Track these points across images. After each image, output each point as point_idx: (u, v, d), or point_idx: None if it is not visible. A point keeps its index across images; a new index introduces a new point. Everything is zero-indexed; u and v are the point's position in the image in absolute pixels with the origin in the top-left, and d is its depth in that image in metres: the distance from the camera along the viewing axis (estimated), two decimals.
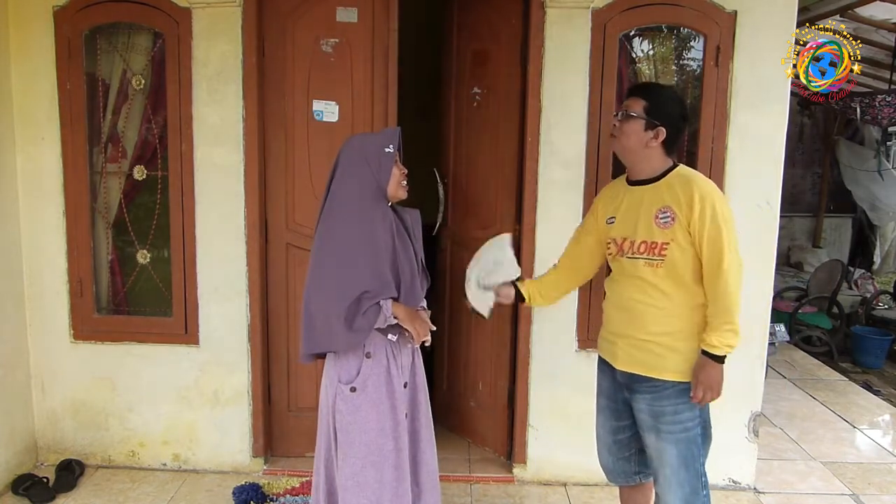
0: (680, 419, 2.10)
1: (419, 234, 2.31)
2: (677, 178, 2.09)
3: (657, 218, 2.07)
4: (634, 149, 2.12)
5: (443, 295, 3.71)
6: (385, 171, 2.14)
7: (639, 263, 2.10)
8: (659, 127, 2.09)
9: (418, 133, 3.88)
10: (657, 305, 2.09)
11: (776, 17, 2.96)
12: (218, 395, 3.27)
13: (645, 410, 2.15)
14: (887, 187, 7.39)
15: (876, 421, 4.32)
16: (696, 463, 2.12)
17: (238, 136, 3.10)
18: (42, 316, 3.27)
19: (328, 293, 2.08)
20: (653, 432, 2.14)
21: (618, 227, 2.19)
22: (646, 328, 2.11)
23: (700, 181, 2.07)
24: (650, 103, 2.09)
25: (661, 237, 2.06)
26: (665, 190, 2.08)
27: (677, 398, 2.09)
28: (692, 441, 2.11)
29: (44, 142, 3.16)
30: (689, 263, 2.05)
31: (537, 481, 3.27)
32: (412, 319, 2.16)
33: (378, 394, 2.16)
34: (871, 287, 7.14)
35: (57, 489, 3.09)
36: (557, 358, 3.18)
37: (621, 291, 2.18)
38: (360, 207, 2.13)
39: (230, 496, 3.06)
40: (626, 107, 2.13)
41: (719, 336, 2.01)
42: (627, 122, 2.11)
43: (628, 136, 2.12)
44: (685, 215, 2.02)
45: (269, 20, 3.11)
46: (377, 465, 2.15)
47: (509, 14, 3.16)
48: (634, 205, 2.15)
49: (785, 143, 3.04)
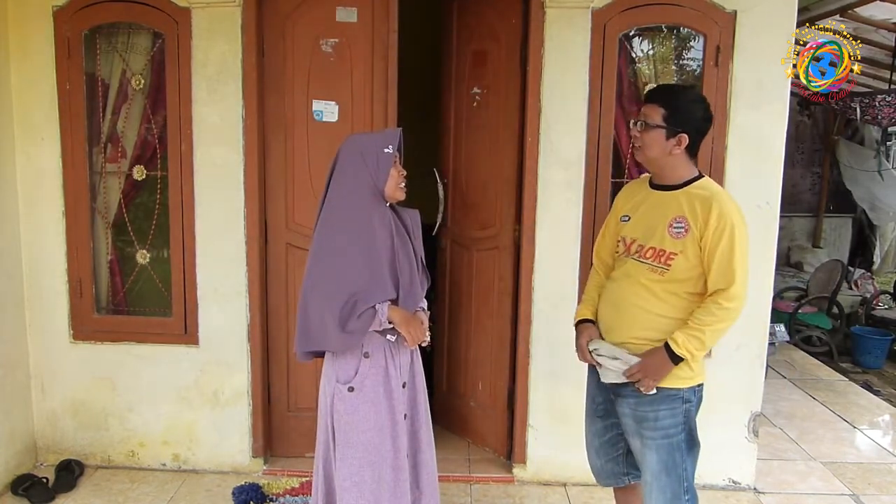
0: (662, 425, 2.09)
1: (419, 234, 2.30)
2: (699, 190, 2.04)
3: (671, 227, 2.04)
4: (658, 158, 2.08)
5: (443, 295, 3.71)
6: (383, 171, 2.12)
7: (642, 268, 2.08)
8: (681, 134, 2.03)
9: (418, 133, 3.88)
10: (649, 309, 2.07)
11: (776, 17, 2.95)
12: (218, 396, 3.27)
13: (628, 415, 2.14)
14: (887, 187, 7.38)
15: (876, 421, 4.32)
16: (678, 469, 2.10)
17: (238, 136, 3.10)
18: (42, 316, 3.27)
19: (324, 293, 2.07)
20: (636, 437, 2.14)
21: (630, 227, 2.16)
22: (634, 329, 2.10)
23: (723, 199, 2.02)
24: (669, 110, 2.03)
25: (672, 247, 2.03)
26: (684, 200, 2.04)
27: (660, 404, 2.08)
28: (675, 447, 2.10)
29: (43, 142, 3.16)
30: (692, 276, 2.03)
31: (537, 481, 3.27)
32: (407, 324, 2.14)
33: (376, 394, 2.15)
34: (871, 287, 7.14)
35: (56, 489, 3.08)
36: (557, 358, 3.18)
37: (618, 291, 2.17)
38: (357, 207, 2.12)
39: (230, 496, 3.05)
40: (645, 116, 2.07)
41: (686, 339, 1.99)
42: (647, 133, 2.06)
43: (650, 147, 2.06)
44: (699, 229, 1.98)
45: (268, 20, 3.11)
46: (375, 465, 2.15)
47: (509, 14, 3.15)
48: (651, 209, 2.12)
49: (785, 143, 3.04)
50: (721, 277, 1.98)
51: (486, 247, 3.42)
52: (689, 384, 2.10)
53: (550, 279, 3.14)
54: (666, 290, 2.06)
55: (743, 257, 1.98)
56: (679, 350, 2.00)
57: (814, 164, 8.43)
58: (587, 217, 3.10)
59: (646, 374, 2.03)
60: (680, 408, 2.09)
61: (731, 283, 1.96)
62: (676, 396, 2.09)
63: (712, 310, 1.99)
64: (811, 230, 8.44)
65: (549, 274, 3.14)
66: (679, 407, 2.09)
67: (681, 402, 2.09)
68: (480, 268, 3.47)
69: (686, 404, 2.10)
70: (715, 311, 1.99)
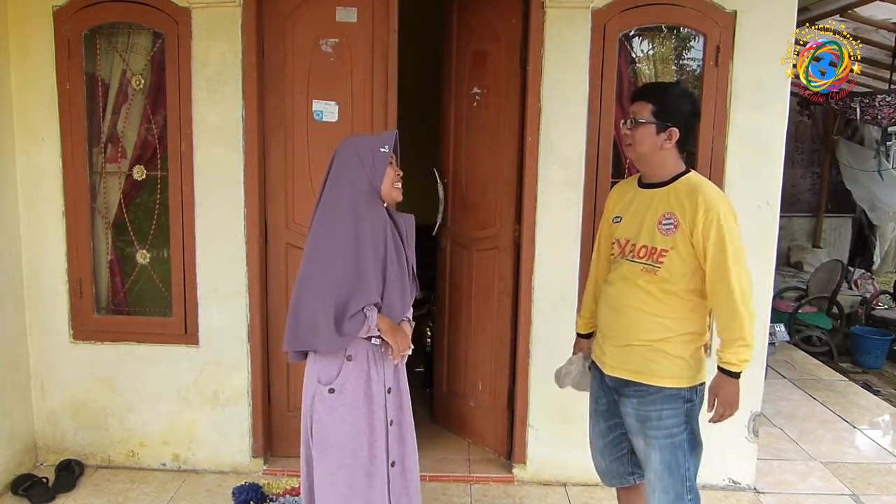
0: (665, 425, 2.09)
1: (412, 241, 2.29)
2: (685, 185, 2.07)
3: (660, 224, 2.06)
4: (650, 154, 2.10)
5: (443, 295, 3.71)
6: (378, 170, 2.12)
7: (636, 268, 2.10)
8: (671, 128, 2.06)
9: (418, 133, 3.88)
10: (648, 311, 2.08)
11: (776, 17, 2.95)
12: (218, 396, 3.27)
13: (632, 414, 2.15)
14: (887, 187, 7.38)
15: (876, 421, 4.32)
16: (681, 469, 2.11)
17: (238, 136, 3.10)
18: (42, 316, 3.27)
19: (316, 292, 2.07)
20: (640, 436, 2.15)
21: (623, 228, 2.18)
22: (634, 333, 2.11)
23: (707, 190, 2.04)
24: (657, 105, 2.06)
25: (662, 244, 2.05)
26: (672, 196, 2.07)
27: (662, 403, 2.09)
28: (678, 447, 2.10)
29: (43, 142, 3.16)
30: (686, 273, 2.04)
31: (537, 481, 3.27)
32: (394, 333, 2.13)
33: (356, 397, 2.14)
34: (871, 287, 7.15)
35: (56, 489, 3.08)
36: (557, 358, 3.16)
37: (616, 293, 2.17)
38: (352, 207, 2.11)
39: (230, 496, 3.05)
40: (634, 113, 2.10)
41: (733, 352, 2.01)
42: (638, 130, 2.08)
43: (642, 143, 2.09)
44: (688, 224, 2.00)
45: (268, 20, 3.11)
46: (349, 469, 2.14)
47: (509, 14, 3.15)
48: (642, 208, 2.13)
49: (785, 143, 3.04)
50: (718, 270, 1.99)
51: (486, 247, 3.43)
52: (691, 384, 2.11)
53: (550, 279, 3.14)
54: (662, 289, 2.07)
55: (735, 246, 1.99)
56: (734, 367, 2.02)
57: (813, 164, 8.43)
58: (587, 217, 3.11)
59: (727, 405, 2.05)
60: (682, 407, 2.10)
61: (727, 273, 1.97)
62: (678, 396, 2.09)
63: (727, 308, 2.00)
64: (811, 230, 8.44)
65: (549, 274, 3.14)
66: (681, 406, 2.10)
67: (682, 402, 2.10)
68: (480, 268, 3.47)
69: (688, 404, 2.11)
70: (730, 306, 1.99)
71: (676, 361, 2.08)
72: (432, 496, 3.09)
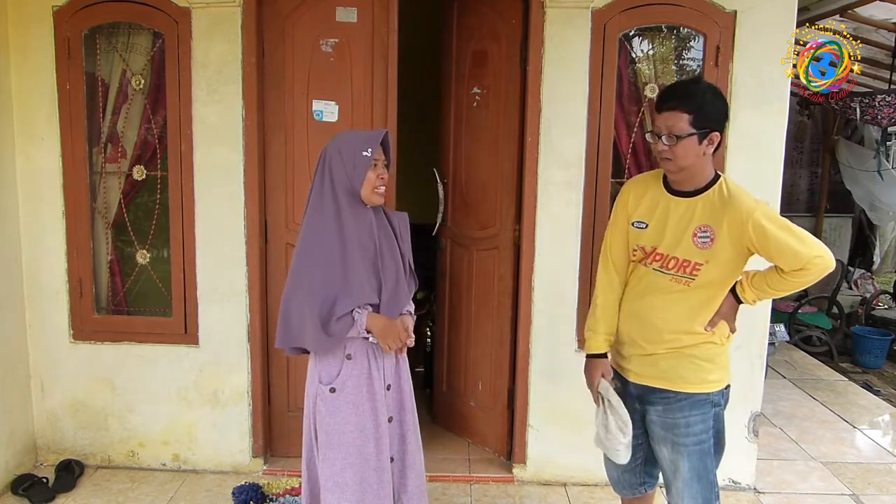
0: (693, 431, 2.06)
1: (407, 237, 2.28)
2: (718, 195, 1.97)
3: (695, 237, 1.98)
4: (692, 164, 1.96)
5: (443, 295, 3.71)
6: (359, 174, 2.09)
7: (665, 278, 2.04)
8: (712, 133, 1.93)
9: (418, 133, 3.88)
10: (676, 319, 2.04)
11: (776, 17, 2.95)
12: (218, 396, 3.27)
13: (657, 422, 2.11)
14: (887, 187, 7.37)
15: (876, 421, 4.32)
16: (708, 475, 2.08)
17: (238, 136, 3.10)
18: (42, 316, 3.27)
19: (304, 291, 2.07)
20: (666, 444, 2.11)
21: (649, 236, 2.07)
22: (663, 341, 2.06)
23: (742, 197, 1.96)
24: (694, 113, 1.90)
25: (698, 257, 1.98)
26: (707, 207, 1.97)
27: (690, 410, 2.05)
28: (705, 453, 2.08)
29: (43, 142, 3.16)
30: (721, 280, 2.01)
31: (537, 481, 3.27)
32: (385, 335, 2.11)
33: (358, 395, 2.14)
34: (871, 287, 7.14)
35: (56, 489, 3.09)
36: (557, 358, 3.18)
37: (638, 299, 2.11)
38: (336, 205, 2.10)
39: (230, 496, 3.05)
40: (670, 128, 1.92)
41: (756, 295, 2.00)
42: (679, 145, 1.92)
43: (685, 157, 1.94)
44: (734, 239, 1.94)
45: (268, 20, 3.11)
46: (357, 467, 2.14)
47: (509, 14, 3.15)
48: (674, 217, 2.02)
49: (785, 143, 3.04)
50: (792, 261, 1.92)
51: (485, 247, 3.43)
52: (718, 387, 2.08)
53: (550, 279, 3.14)
54: (693, 297, 2.02)
55: (793, 232, 1.92)
56: (747, 302, 2.02)
57: (813, 164, 8.42)
58: (587, 217, 3.11)
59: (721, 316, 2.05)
60: (710, 412, 2.07)
61: (799, 258, 1.91)
62: (706, 401, 2.06)
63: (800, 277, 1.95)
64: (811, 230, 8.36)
65: (549, 274, 3.14)
66: (709, 411, 2.07)
67: (710, 406, 2.07)
68: (480, 268, 3.47)
69: (716, 408, 2.09)
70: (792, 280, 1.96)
71: (705, 366, 2.05)
72: (432, 496, 3.09)
